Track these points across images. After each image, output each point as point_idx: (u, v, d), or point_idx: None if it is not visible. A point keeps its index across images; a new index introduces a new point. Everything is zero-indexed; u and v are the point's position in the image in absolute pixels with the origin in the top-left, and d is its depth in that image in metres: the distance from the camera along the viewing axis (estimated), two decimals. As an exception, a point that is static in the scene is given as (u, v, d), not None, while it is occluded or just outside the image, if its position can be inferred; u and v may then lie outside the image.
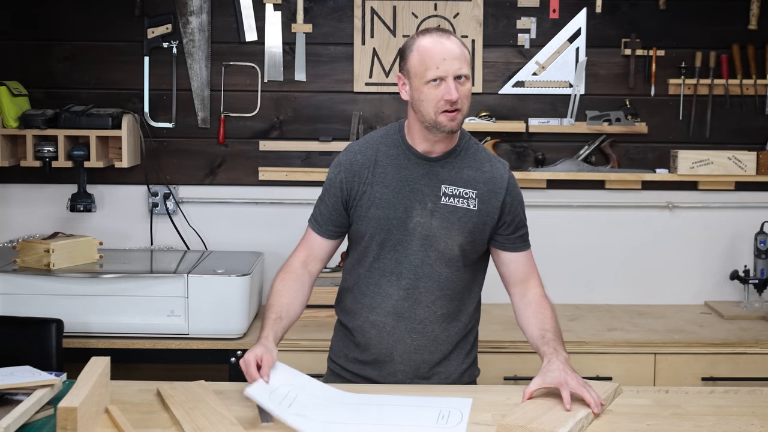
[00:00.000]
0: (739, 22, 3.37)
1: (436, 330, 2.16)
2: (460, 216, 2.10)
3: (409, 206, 2.10)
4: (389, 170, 2.12)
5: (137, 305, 2.90)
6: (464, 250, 2.13)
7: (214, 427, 1.78)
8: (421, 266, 2.12)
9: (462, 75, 2.02)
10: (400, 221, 2.10)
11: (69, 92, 3.35)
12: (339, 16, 3.36)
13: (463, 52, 2.04)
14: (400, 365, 2.17)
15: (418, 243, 2.11)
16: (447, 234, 2.10)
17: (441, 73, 2.01)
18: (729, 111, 3.39)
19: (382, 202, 2.11)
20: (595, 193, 3.42)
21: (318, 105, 3.39)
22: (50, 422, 1.82)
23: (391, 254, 2.12)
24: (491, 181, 2.14)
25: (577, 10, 3.37)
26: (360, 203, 2.13)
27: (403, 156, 2.13)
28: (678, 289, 3.45)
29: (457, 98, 2.00)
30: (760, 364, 2.92)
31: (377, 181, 2.12)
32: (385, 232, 2.11)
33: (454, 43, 2.04)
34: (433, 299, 2.14)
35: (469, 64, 2.06)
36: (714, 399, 2.04)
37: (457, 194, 2.11)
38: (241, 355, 2.86)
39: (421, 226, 2.10)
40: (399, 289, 2.13)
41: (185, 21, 3.34)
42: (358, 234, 2.16)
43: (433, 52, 2.01)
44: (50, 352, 2.64)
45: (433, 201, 2.10)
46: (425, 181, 2.11)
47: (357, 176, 2.13)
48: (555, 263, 3.43)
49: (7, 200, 3.42)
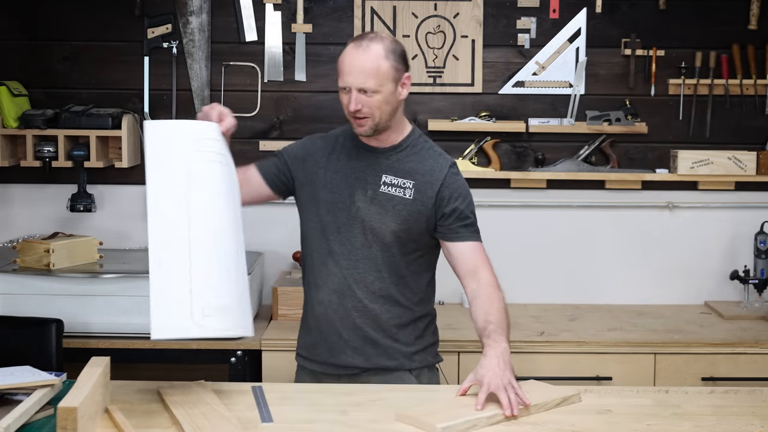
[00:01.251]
0: (739, 22, 3.37)
1: (376, 309, 2.25)
2: (395, 204, 2.22)
3: (352, 192, 2.24)
4: (341, 158, 2.28)
5: (137, 305, 2.89)
6: (398, 237, 2.23)
7: (214, 427, 1.78)
8: (360, 248, 2.24)
9: (366, 88, 2.12)
10: (345, 205, 2.24)
11: (69, 92, 3.35)
12: (339, 16, 3.37)
13: (376, 65, 2.12)
14: (348, 342, 2.26)
15: (359, 227, 2.23)
16: (381, 220, 2.22)
17: (346, 84, 2.14)
18: (729, 111, 3.39)
19: (332, 186, 2.25)
20: (595, 193, 3.42)
21: (318, 105, 3.39)
22: (50, 422, 1.82)
23: (335, 236, 2.25)
24: (429, 173, 2.24)
25: (577, 10, 3.37)
26: (313, 183, 2.28)
27: (354, 148, 2.28)
28: (678, 289, 3.45)
29: (356, 109, 2.13)
30: (760, 364, 2.92)
31: (330, 166, 2.27)
32: (331, 214, 2.25)
33: (369, 55, 2.12)
34: (372, 280, 2.25)
35: (381, 78, 2.12)
36: (714, 399, 2.04)
37: (395, 184, 2.23)
38: (241, 355, 2.86)
39: (361, 211, 2.23)
40: (341, 269, 2.24)
41: (185, 21, 3.34)
42: (309, 213, 2.30)
43: (344, 62, 2.15)
44: (50, 352, 2.64)
45: (373, 188, 2.23)
46: (369, 170, 2.25)
47: (312, 157, 2.30)
48: (555, 263, 3.43)
49: (7, 200, 3.42)
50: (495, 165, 3.36)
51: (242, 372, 2.87)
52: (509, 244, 3.40)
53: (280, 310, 3.09)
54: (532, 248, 3.42)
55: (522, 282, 3.39)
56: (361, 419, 1.88)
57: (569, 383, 2.50)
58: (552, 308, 3.35)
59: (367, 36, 2.16)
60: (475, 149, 3.35)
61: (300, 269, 3.12)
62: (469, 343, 2.85)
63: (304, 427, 1.84)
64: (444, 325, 2.99)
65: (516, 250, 3.42)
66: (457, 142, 3.36)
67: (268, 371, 2.89)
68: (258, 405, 1.94)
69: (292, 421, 1.86)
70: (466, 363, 2.41)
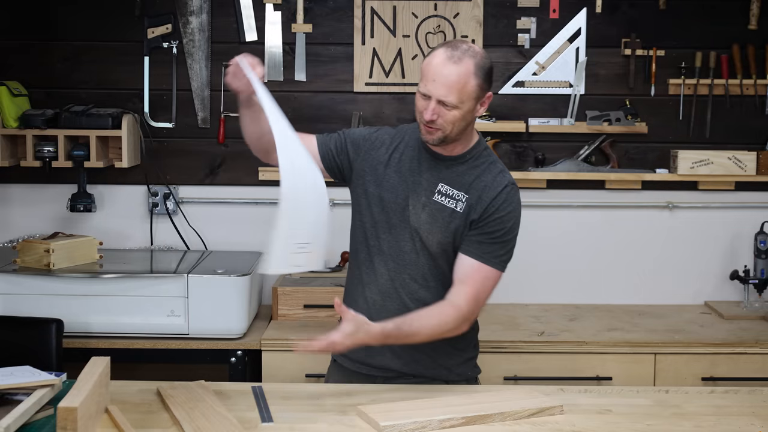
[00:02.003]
0: (739, 22, 3.36)
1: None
2: (446, 215, 2.16)
3: (407, 195, 2.19)
4: (404, 158, 2.21)
5: (137, 305, 2.90)
6: (445, 249, 2.18)
7: (214, 427, 1.78)
8: (408, 253, 2.19)
9: (446, 103, 2.05)
10: (399, 207, 2.18)
11: (69, 92, 3.35)
12: (339, 16, 3.37)
13: (464, 81, 2.04)
14: (387, 347, 2.19)
15: (408, 231, 2.19)
16: (430, 229, 2.17)
17: (427, 91, 2.06)
18: (729, 111, 3.39)
19: (388, 185, 2.19)
20: (595, 193, 3.42)
21: (318, 105, 3.39)
22: (50, 422, 1.82)
23: (386, 235, 2.20)
24: (485, 189, 2.16)
25: (577, 10, 3.37)
26: (372, 176, 2.21)
27: (418, 149, 2.21)
28: (678, 289, 3.45)
29: (431, 119, 2.06)
30: (760, 364, 2.92)
31: (391, 164, 2.21)
32: (385, 213, 2.19)
33: (459, 69, 2.03)
34: (416, 287, 2.20)
35: (464, 95, 2.05)
36: (714, 399, 2.05)
37: (449, 195, 2.17)
38: (241, 355, 2.86)
39: (412, 216, 2.18)
40: (389, 270, 2.21)
41: (185, 21, 3.34)
42: (361, 206, 2.24)
43: (432, 68, 2.06)
44: (50, 352, 2.64)
45: (426, 196, 2.17)
46: (427, 176, 2.18)
47: (375, 151, 2.23)
48: (555, 263, 3.43)
49: (7, 200, 3.42)
50: (495, 165, 3.35)
51: (242, 372, 2.87)
52: (509, 244, 3.39)
53: (280, 310, 3.09)
54: (532, 248, 3.42)
55: (522, 282, 3.38)
56: (361, 419, 1.88)
57: (569, 383, 2.51)
58: (552, 308, 3.35)
59: (461, 46, 2.07)
60: (475, 149, 3.35)
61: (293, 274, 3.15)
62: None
63: (304, 427, 1.84)
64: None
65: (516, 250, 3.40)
66: (457, 142, 3.36)
67: (268, 371, 2.89)
68: (258, 405, 1.94)
69: (292, 421, 1.86)
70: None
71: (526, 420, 1.89)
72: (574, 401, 2.02)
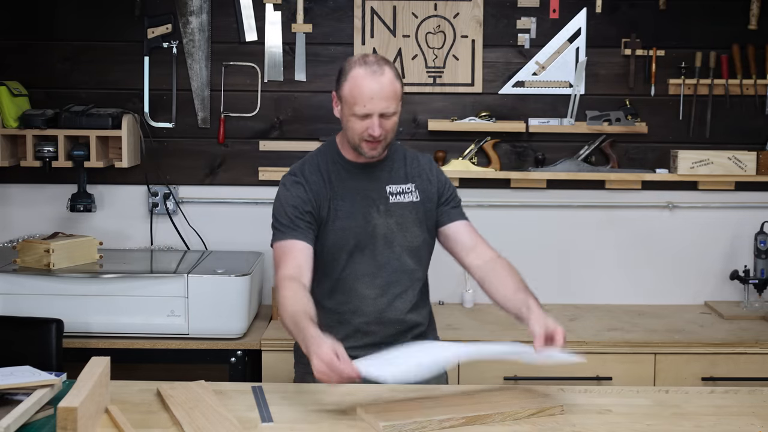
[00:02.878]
0: (739, 22, 3.36)
1: (414, 316, 2.30)
2: (410, 209, 2.27)
3: (366, 212, 2.24)
4: (339, 184, 2.25)
5: (137, 305, 2.90)
6: (424, 239, 2.29)
7: (214, 427, 1.78)
8: (389, 262, 2.25)
9: (387, 113, 2.14)
10: (362, 228, 2.24)
11: (69, 92, 3.35)
12: (339, 16, 3.36)
13: (394, 89, 2.15)
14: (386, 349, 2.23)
15: (382, 243, 2.25)
16: (405, 228, 2.26)
17: (368, 111, 2.13)
18: (729, 111, 3.39)
19: (343, 213, 2.24)
20: (595, 193, 3.42)
21: (318, 105, 3.39)
22: (50, 422, 1.82)
23: (360, 258, 2.24)
24: (423, 172, 2.32)
25: (577, 10, 3.37)
26: (328, 218, 2.24)
27: (344, 170, 2.27)
28: (678, 289, 3.45)
29: (380, 134, 2.14)
30: (760, 364, 2.92)
31: (335, 195, 2.24)
32: (352, 239, 2.23)
33: (386, 79, 2.13)
34: (405, 289, 2.27)
35: (397, 100, 2.16)
36: (714, 399, 2.04)
37: (401, 191, 2.27)
38: (241, 355, 2.86)
39: (380, 227, 2.24)
40: (375, 288, 2.25)
41: (185, 21, 3.34)
42: (325, 247, 2.24)
43: (363, 89, 2.12)
44: (50, 352, 2.64)
45: (383, 203, 2.26)
46: (372, 186, 2.27)
47: (319, 194, 2.24)
48: (555, 263, 3.43)
49: (7, 200, 3.42)
50: (495, 165, 3.36)
51: (242, 372, 2.87)
52: (509, 244, 3.36)
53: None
54: (532, 248, 3.42)
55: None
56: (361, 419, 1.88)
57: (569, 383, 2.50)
58: (552, 308, 3.34)
59: (371, 60, 2.16)
60: (475, 149, 3.35)
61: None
62: (470, 343, 2.84)
63: (304, 427, 1.84)
64: (444, 325, 3.00)
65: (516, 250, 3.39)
66: (457, 142, 3.36)
67: (268, 371, 2.89)
68: (258, 405, 1.94)
69: (292, 421, 1.86)
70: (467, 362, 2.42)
71: (526, 420, 1.89)
72: (574, 401, 2.01)
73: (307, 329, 1.91)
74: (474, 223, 2.38)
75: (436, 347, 2.10)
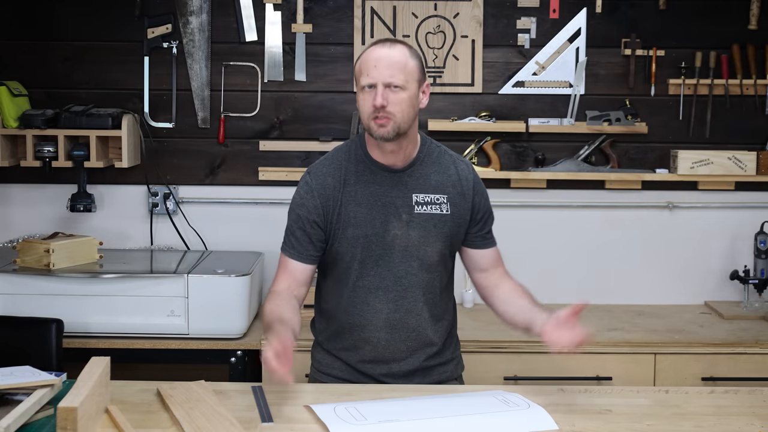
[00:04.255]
0: (739, 22, 3.36)
1: (428, 333, 2.21)
2: (436, 222, 2.14)
3: (384, 220, 2.12)
4: (358, 188, 2.13)
5: (137, 305, 2.90)
6: (443, 254, 2.18)
7: (214, 427, 1.78)
8: (405, 276, 2.15)
9: (393, 83, 2.02)
10: (379, 236, 2.12)
11: (69, 92, 3.35)
12: (339, 16, 3.36)
13: (404, 61, 2.04)
14: (396, 365, 2.21)
15: (399, 255, 2.13)
16: (426, 242, 2.14)
17: (371, 80, 2.03)
18: (729, 111, 3.39)
19: (357, 220, 2.12)
20: (595, 193, 3.42)
21: (318, 105, 3.39)
22: (50, 422, 1.82)
23: (374, 270, 2.14)
24: (459, 183, 2.18)
25: (577, 10, 3.37)
26: (336, 225, 2.13)
27: (368, 171, 2.14)
28: (678, 289, 3.45)
29: (381, 104, 2.01)
30: (760, 364, 2.92)
31: (349, 200, 2.13)
32: (366, 250, 2.13)
33: (396, 51, 2.05)
34: (421, 306, 2.18)
35: (408, 75, 2.04)
36: (714, 399, 2.04)
37: (428, 201, 2.14)
38: (241, 355, 2.86)
39: (399, 238, 2.13)
40: (388, 303, 2.15)
41: (185, 21, 3.34)
42: (338, 255, 2.16)
43: (369, 58, 2.05)
44: (50, 352, 2.64)
45: (407, 212, 2.12)
46: (396, 193, 2.13)
47: (330, 199, 2.13)
48: (555, 263, 3.43)
49: (7, 200, 3.42)
50: (495, 165, 3.36)
51: (242, 372, 2.87)
52: (509, 244, 3.36)
53: (280, 310, 3.08)
54: (532, 248, 3.42)
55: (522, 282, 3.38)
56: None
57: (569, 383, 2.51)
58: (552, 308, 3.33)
59: (389, 39, 2.12)
60: (475, 149, 3.35)
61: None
62: (470, 343, 2.85)
63: (304, 427, 1.84)
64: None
65: (516, 250, 3.39)
66: (457, 142, 3.36)
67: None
68: (258, 405, 1.94)
69: (292, 421, 1.86)
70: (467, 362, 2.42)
71: None
72: (574, 401, 2.02)
73: (272, 325, 1.95)
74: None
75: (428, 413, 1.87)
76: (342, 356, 2.23)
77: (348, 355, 2.22)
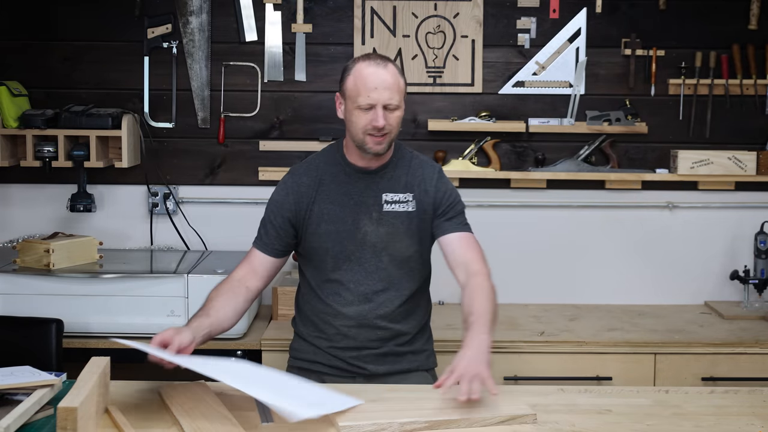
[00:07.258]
0: (739, 22, 3.36)
1: (398, 327, 2.31)
2: (403, 219, 2.26)
3: (356, 218, 2.25)
4: (332, 187, 2.28)
5: (137, 305, 2.90)
6: (414, 251, 2.29)
7: (214, 427, 1.78)
8: (376, 272, 2.27)
9: (391, 105, 2.15)
10: (350, 233, 2.25)
11: (69, 92, 3.35)
12: (339, 16, 3.36)
13: (397, 82, 2.18)
14: (367, 350, 2.31)
15: (370, 251, 2.26)
16: (395, 238, 2.26)
17: (372, 101, 2.15)
18: (729, 111, 3.39)
19: (330, 217, 2.27)
20: (595, 193, 3.42)
21: (318, 105, 3.39)
22: (50, 422, 1.82)
23: (347, 265, 2.26)
24: (423, 182, 2.30)
25: (577, 10, 3.37)
26: (309, 221, 2.28)
27: (343, 173, 2.29)
28: (678, 289, 3.45)
29: (383, 125, 2.16)
30: (760, 364, 2.92)
31: (323, 198, 2.28)
32: (338, 245, 2.26)
33: (389, 72, 2.16)
34: (391, 299, 2.28)
35: (401, 94, 2.20)
36: (714, 399, 2.04)
37: (397, 200, 2.27)
38: (241, 356, 2.87)
39: (370, 235, 2.25)
40: (359, 295, 2.27)
41: (185, 21, 3.34)
42: (312, 250, 2.30)
43: (367, 80, 2.15)
44: (50, 352, 2.64)
45: (377, 210, 2.26)
46: (368, 193, 2.27)
47: (304, 197, 2.29)
48: (555, 263, 3.43)
49: (7, 200, 3.42)
50: (495, 165, 3.36)
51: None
52: (509, 244, 3.40)
53: (280, 310, 3.09)
54: (532, 248, 3.42)
55: (522, 282, 3.39)
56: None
57: (569, 383, 2.51)
58: (552, 308, 3.35)
59: (376, 56, 2.22)
60: (475, 149, 3.35)
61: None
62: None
63: (304, 427, 1.84)
64: (444, 325, 3.00)
65: (516, 250, 3.42)
66: (457, 142, 3.36)
67: (268, 371, 2.89)
68: (258, 405, 1.94)
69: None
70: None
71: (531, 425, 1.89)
72: (574, 401, 2.02)
73: (194, 316, 2.17)
74: (474, 223, 2.38)
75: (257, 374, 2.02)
76: (315, 342, 2.34)
77: (321, 342, 2.33)
